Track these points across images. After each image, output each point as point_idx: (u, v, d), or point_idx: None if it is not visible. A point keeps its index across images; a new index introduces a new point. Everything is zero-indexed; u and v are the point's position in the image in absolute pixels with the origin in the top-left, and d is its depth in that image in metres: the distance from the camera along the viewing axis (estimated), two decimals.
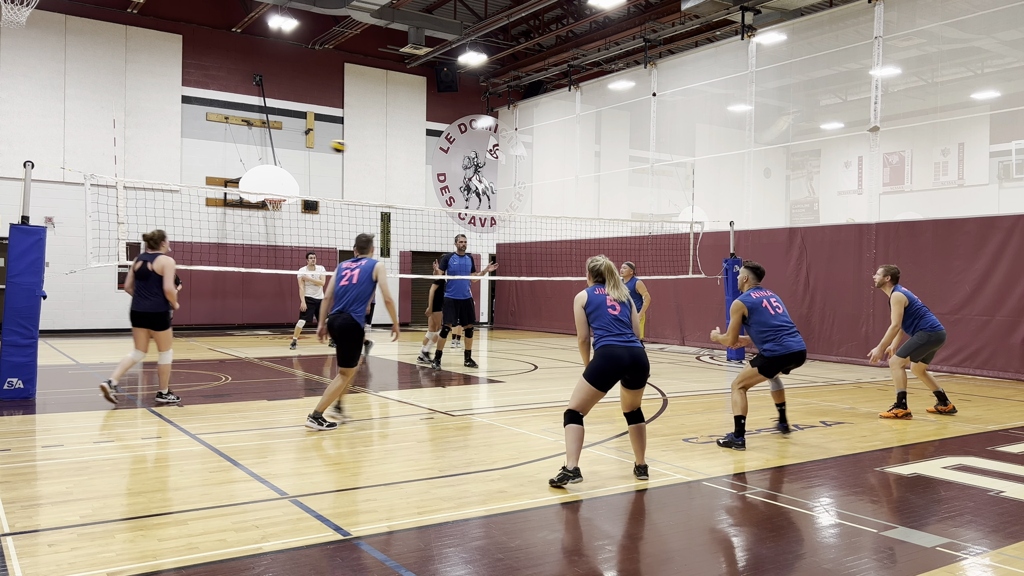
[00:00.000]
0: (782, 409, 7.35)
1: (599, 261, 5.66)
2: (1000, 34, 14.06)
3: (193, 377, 11.05)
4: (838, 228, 14.39)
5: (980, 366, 12.00)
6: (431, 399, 9.19)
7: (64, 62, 18.30)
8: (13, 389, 8.57)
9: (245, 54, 20.65)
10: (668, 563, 4.06)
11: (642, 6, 18.18)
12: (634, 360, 5.33)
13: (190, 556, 3.94)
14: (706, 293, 16.10)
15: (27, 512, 4.64)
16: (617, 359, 5.28)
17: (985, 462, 6.31)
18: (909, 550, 4.24)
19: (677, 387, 10.53)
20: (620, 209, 19.50)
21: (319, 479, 5.55)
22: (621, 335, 5.36)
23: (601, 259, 5.68)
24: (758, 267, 7.38)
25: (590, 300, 5.48)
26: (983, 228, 12.16)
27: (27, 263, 8.66)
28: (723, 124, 17.65)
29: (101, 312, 18.67)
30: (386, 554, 4.02)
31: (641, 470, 5.59)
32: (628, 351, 5.32)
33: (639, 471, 5.59)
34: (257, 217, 20.65)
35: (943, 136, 17.54)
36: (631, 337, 5.40)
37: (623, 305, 5.48)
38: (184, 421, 7.58)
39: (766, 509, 4.97)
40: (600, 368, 5.31)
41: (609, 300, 5.45)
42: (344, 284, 7.21)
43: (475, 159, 24.04)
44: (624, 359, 5.29)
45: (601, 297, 5.48)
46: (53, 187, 17.59)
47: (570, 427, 5.33)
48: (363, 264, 7.32)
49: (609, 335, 5.36)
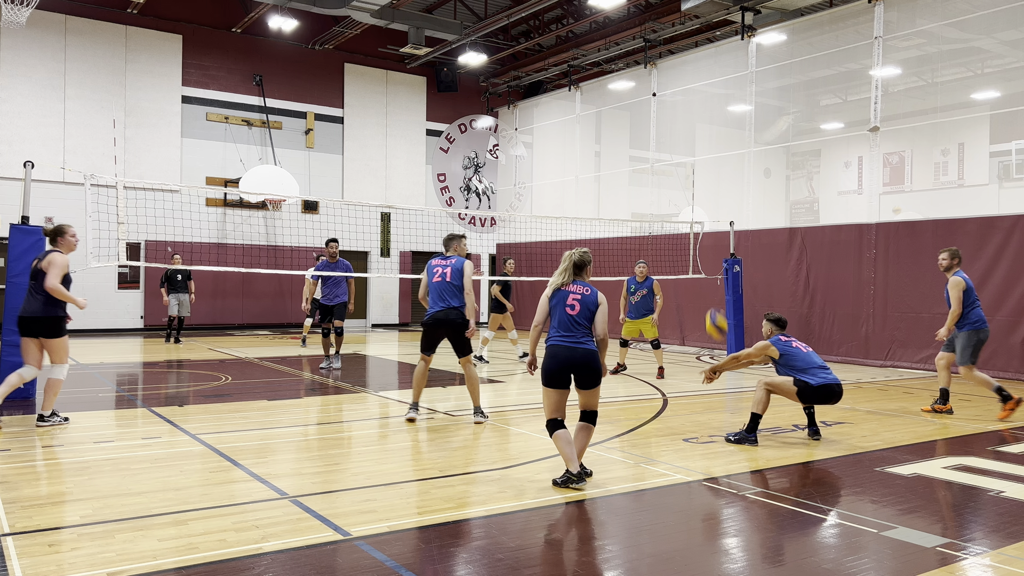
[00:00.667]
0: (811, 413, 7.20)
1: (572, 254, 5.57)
2: (1000, 34, 14.06)
3: (193, 377, 11.05)
4: (838, 228, 14.39)
5: (980, 366, 11.91)
6: (431, 399, 9.18)
7: (64, 62, 18.30)
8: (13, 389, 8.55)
9: (245, 54, 20.65)
10: (668, 563, 4.06)
11: (642, 6, 18.18)
12: (578, 360, 5.31)
13: (190, 556, 3.93)
14: (706, 293, 16.09)
15: (27, 512, 4.64)
16: (560, 359, 5.31)
17: (985, 462, 6.31)
18: (909, 550, 4.24)
19: (677, 387, 10.52)
20: (620, 209, 19.50)
21: (319, 479, 5.55)
22: (569, 335, 5.34)
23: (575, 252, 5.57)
24: (781, 318, 7.29)
25: (554, 293, 5.49)
26: (983, 228, 12.16)
27: (27, 263, 8.64)
28: (723, 124, 17.65)
29: (101, 312, 18.67)
30: (386, 554, 4.02)
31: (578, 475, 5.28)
32: (571, 351, 5.31)
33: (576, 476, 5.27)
34: (257, 217, 20.65)
35: (943, 136, 17.53)
36: (580, 338, 5.34)
37: (583, 305, 5.39)
38: (184, 421, 7.58)
39: (766, 509, 4.97)
40: (546, 368, 5.39)
41: (571, 299, 5.40)
42: (437, 280, 7.52)
43: (475, 159, 24.04)
44: (567, 359, 5.30)
45: (565, 293, 5.44)
46: (53, 187, 17.58)
47: (555, 435, 5.38)
48: (453, 262, 7.59)
49: (557, 334, 5.39)
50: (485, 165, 24.19)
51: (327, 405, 8.95)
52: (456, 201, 23.69)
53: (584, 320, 5.37)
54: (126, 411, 8.34)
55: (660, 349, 11.53)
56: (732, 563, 4.10)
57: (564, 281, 5.46)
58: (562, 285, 5.46)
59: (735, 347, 14.18)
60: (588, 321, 5.38)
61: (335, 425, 7.88)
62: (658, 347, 11.50)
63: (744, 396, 10.22)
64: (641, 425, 7.75)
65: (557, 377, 5.34)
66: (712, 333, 9.80)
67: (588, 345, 5.35)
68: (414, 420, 7.63)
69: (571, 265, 5.49)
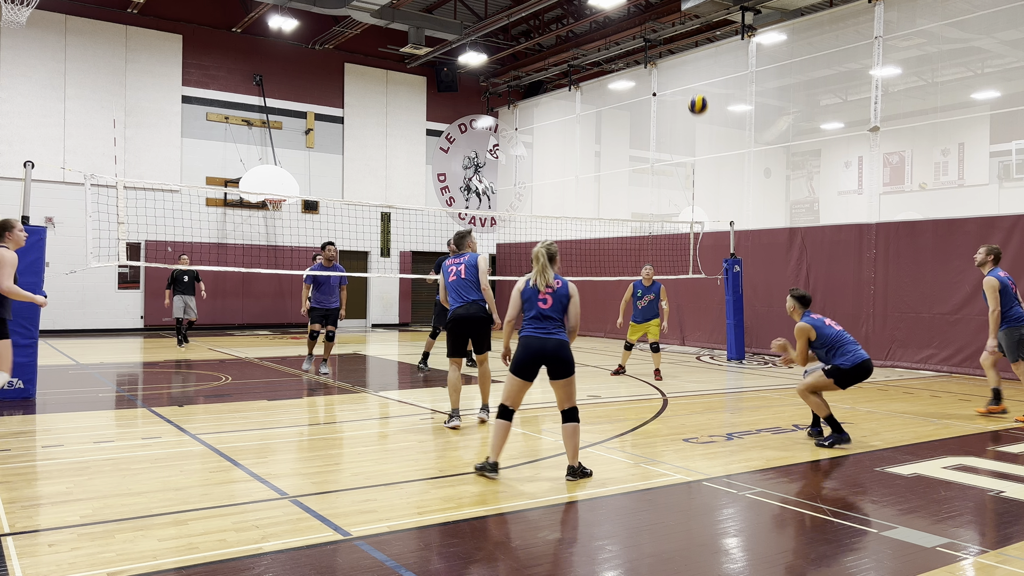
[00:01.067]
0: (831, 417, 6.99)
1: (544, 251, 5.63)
2: (1000, 34, 14.06)
3: (193, 377, 11.05)
4: (838, 228, 14.39)
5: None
6: (431, 399, 9.19)
7: (64, 62, 18.30)
8: (13, 389, 8.57)
9: (245, 54, 20.65)
10: (668, 563, 4.06)
11: (642, 6, 18.18)
12: (549, 351, 5.46)
13: (190, 556, 3.94)
14: (706, 293, 16.10)
15: (27, 512, 4.64)
16: (532, 349, 5.48)
17: (985, 462, 6.31)
18: (909, 550, 4.24)
19: (677, 387, 10.53)
20: (620, 209, 19.50)
21: (319, 479, 5.55)
22: (542, 327, 5.52)
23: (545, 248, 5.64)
24: (805, 295, 7.22)
25: (526, 288, 5.64)
26: (983, 228, 12.15)
27: (27, 263, 8.63)
28: (723, 124, 17.65)
29: (101, 312, 18.67)
30: (386, 554, 4.02)
31: (572, 471, 5.51)
32: (543, 342, 5.48)
33: (570, 472, 5.51)
34: (257, 217, 20.65)
35: (943, 136, 17.53)
36: (552, 330, 5.52)
37: (555, 298, 5.54)
38: (184, 421, 7.58)
39: (766, 509, 4.97)
40: (518, 358, 5.55)
41: (542, 293, 5.55)
42: (453, 279, 7.53)
43: (475, 159, 24.05)
44: (539, 349, 5.47)
45: (536, 288, 5.58)
46: (53, 187, 17.59)
47: (498, 422, 5.59)
48: (466, 259, 7.59)
49: (530, 326, 5.56)
50: (485, 165, 24.19)
51: (327, 405, 8.96)
52: (456, 201, 23.69)
53: (556, 313, 5.55)
54: (126, 411, 8.34)
55: (659, 352, 11.45)
56: (732, 563, 4.10)
57: (536, 277, 5.60)
58: (535, 281, 5.60)
59: (735, 348, 14.19)
60: (560, 313, 5.56)
61: (335, 425, 7.88)
62: (657, 350, 11.41)
63: (744, 396, 10.23)
64: (641, 425, 7.75)
65: (526, 367, 5.52)
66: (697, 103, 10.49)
67: (560, 336, 5.53)
68: (458, 427, 7.40)
69: (546, 262, 5.60)
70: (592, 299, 19.51)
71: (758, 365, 13.54)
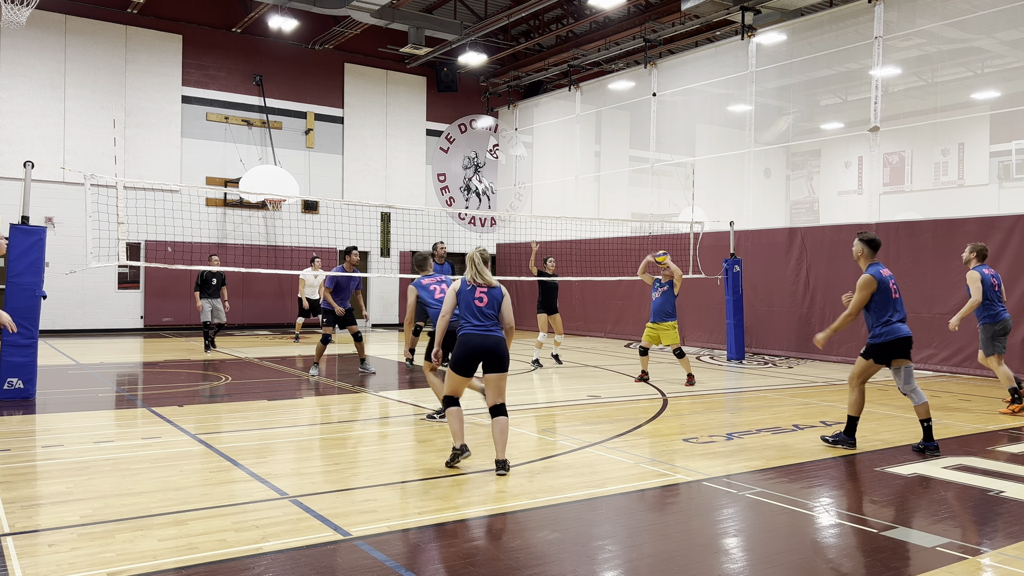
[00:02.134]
0: (928, 427, 6.58)
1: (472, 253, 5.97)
2: (1000, 34, 14.05)
3: (193, 377, 11.05)
4: (838, 228, 14.38)
5: (980, 366, 11.99)
6: (431, 399, 9.18)
7: (64, 62, 18.30)
8: (13, 389, 8.57)
9: (245, 54, 20.65)
10: (668, 563, 4.06)
11: (642, 6, 18.18)
12: (490, 347, 5.78)
13: (190, 556, 3.94)
14: (706, 293, 16.09)
15: (27, 512, 4.64)
16: (473, 345, 5.77)
17: (985, 462, 6.31)
18: (909, 550, 4.24)
19: (677, 387, 10.52)
20: (620, 209, 19.49)
21: (319, 479, 5.55)
22: (480, 325, 5.81)
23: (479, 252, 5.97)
24: (874, 239, 6.82)
25: (463, 287, 5.92)
26: (983, 228, 12.15)
27: (27, 263, 8.65)
28: (723, 124, 17.65)
29: (101, 312, 18.67)
30: (386, 554, 4.02)
31: (501, 464, 5.70)
32: (484, 339, 5.79)
33: (499, 465, 5.70)
34: (257, 217, 20.65)
35: (943, 136, 17.52)
36: (491, 327, 5.83)
37: (490, 297, 5.86)
38: (184, 421, 7.58)
39: (766, 509, 4.97)
40: (457, 355, 5.84)
41: (478, 292, 5.86)
42: (439, 297, 7.61)
43: (475, 159, 24.04)
44: (480, 345, 5.77)
45: (473, 287, 5.88)
46: (53, 187, 17.59)
47: (450, 411, 5.90)
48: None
49: (469, 324, 5.83)
50: (485, 165, 24.18)
51: (327, 405, 8.96)
52: (456, 201, 23.69)
53: (491, 311, 5.87)
54: (126, 411, 8.34)
55: (685, 357, 10.71)
56: (732, 563, 4.09)
57: (472, 276, 5.91)
58: (471, 280, 5.90)
59: (735, 348, 14.18)
60: (495, 311, 5.89)
61: (335, 425, 7.88)
62: (682, 355, 10.68)
63: (744, 396, 10.22)
64: (641, 425, 7.75)
65: (467, 363, 5.82)
66: (660, 263, 10.51)
67: (497, 333, 5.88)
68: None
69: (481, 263, 5.93)
70: (592, 299, 19.52)
71: (758, 365, 13.54)
